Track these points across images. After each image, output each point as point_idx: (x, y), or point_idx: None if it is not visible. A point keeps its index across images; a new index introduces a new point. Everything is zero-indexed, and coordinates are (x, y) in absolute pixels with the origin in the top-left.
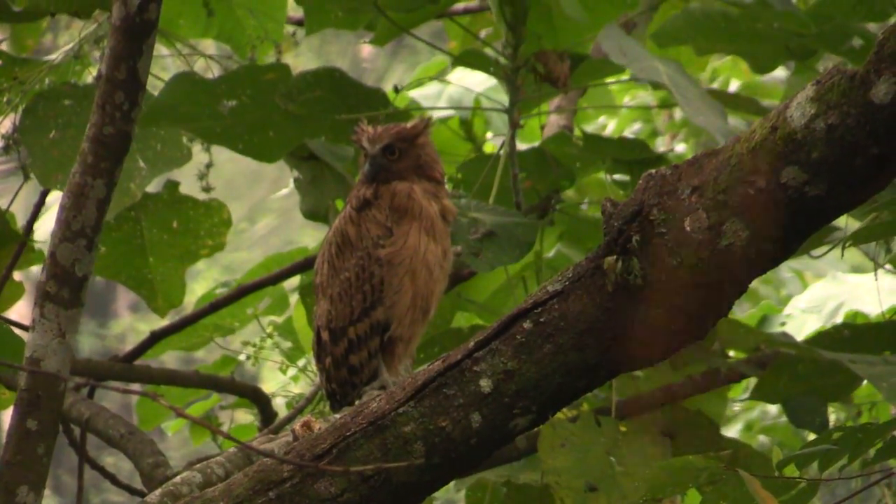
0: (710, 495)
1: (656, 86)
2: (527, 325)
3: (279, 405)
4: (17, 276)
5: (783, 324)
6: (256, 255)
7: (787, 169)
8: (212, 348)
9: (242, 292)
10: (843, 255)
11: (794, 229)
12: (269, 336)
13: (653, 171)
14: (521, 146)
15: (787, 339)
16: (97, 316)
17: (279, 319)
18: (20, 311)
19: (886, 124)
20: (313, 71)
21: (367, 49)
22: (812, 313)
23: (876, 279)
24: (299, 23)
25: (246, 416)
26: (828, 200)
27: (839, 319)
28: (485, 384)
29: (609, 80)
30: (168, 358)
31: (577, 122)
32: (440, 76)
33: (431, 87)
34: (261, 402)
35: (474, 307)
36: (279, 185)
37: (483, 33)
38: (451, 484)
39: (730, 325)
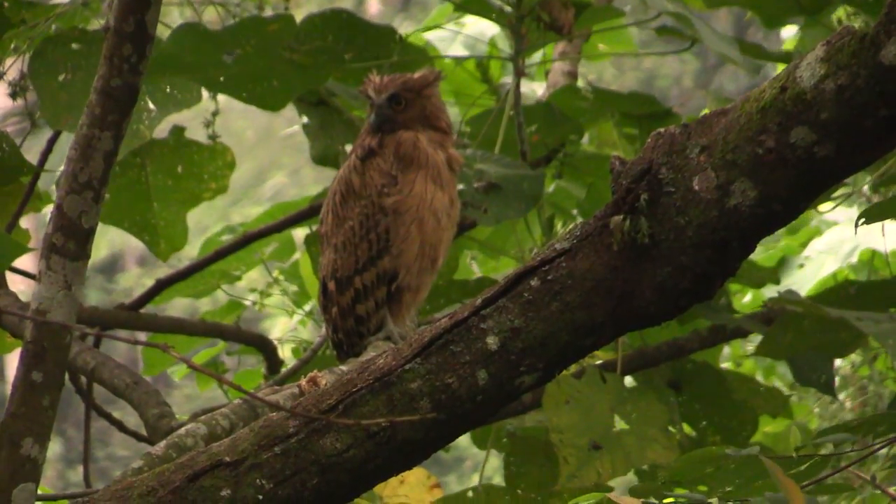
0: (723, 474)
1: (662, 31)
2: (534, 282)
3: (286, 351)
4: (24, 223)
5: (801, 265)
6: None
7: (796, 129)
8: (217, 296)
9: (248, 240)
10: (856, 231)
11: (803, 189)
12: (276, 281)
13: (662, 129)
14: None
15: (793, 296)
16: (105, 271)
17: (285, 264)
18: (23, 261)
19: None
20: (320, 13)
21: (374, 7)
22: (829, 255)
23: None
24: None
25: (253, 363)
26: (837, 161)
27: (854, 260)
28: (491, 341)
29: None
30: (172, 307)
31: (587, 62)
32: (453, 20)
33: (446, 31)
34: (267, 350)
35: (476, 245)
36: (287, 143)
37: None
38: None
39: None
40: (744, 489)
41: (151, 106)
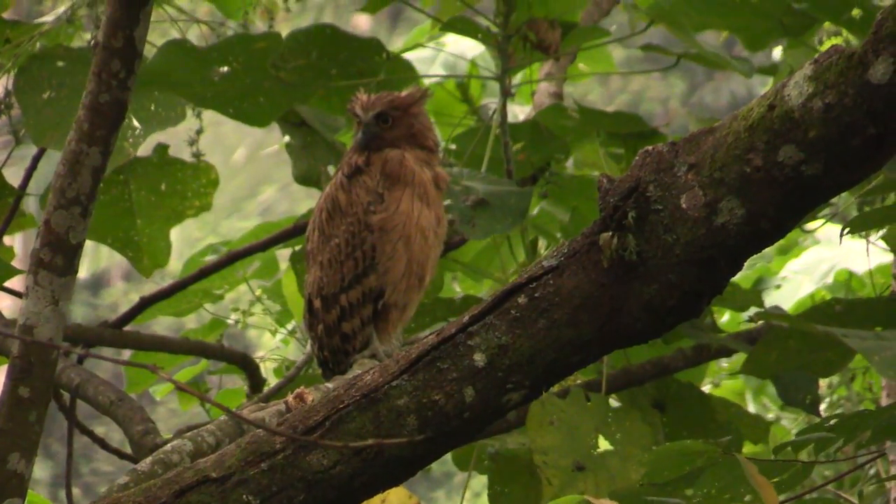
0: (706, 478)
1: (647, 48)
2: (521, 299)
3: (268, 369)
4: (7, 240)
5: (778, 286)
6: None
7: (784, 147)
8: (202, 314)
9: (232, 258)
10: (840, 241)
11: (790, 208)
12: (258, 299)
13: (650, 147)
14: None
15: (779, 312)
16: (90, 286)
17: (268, 283)
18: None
19: (884, 104)
20: (304, 30)
21: (364, 24)
22: (805, 275)
23: (867, 245)
24: None
25: (235, 381)
26: (824, 179)
27: (830, 280)
28: (479, 358)
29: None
30: (157, 324)
31: (571, 82)
32: (433, 39)
33: (427, 51)
34: (249, 369)
35: (459, 267)
36: (280, 158)
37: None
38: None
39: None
40: (723, 493)
41: (136, 124)
